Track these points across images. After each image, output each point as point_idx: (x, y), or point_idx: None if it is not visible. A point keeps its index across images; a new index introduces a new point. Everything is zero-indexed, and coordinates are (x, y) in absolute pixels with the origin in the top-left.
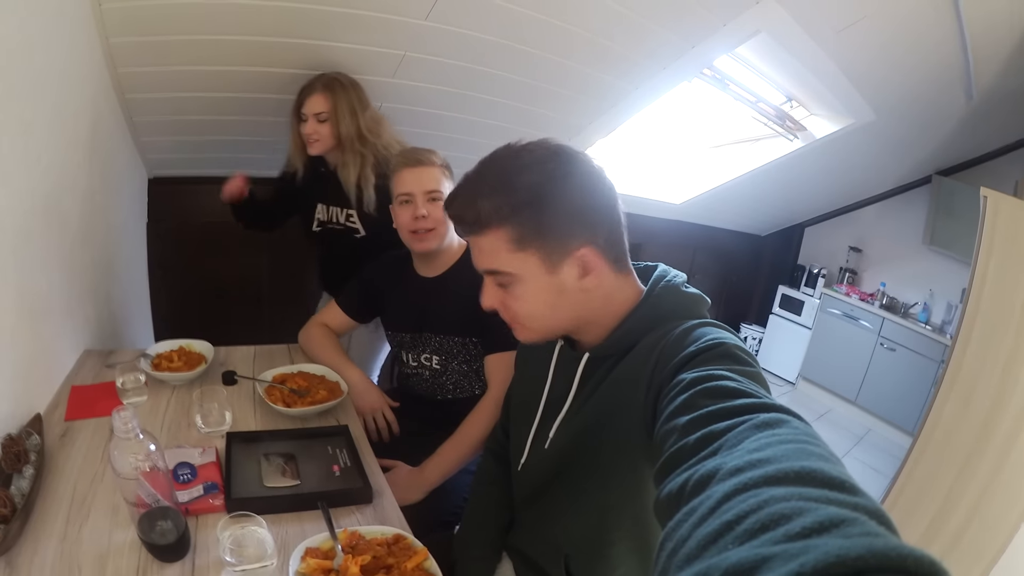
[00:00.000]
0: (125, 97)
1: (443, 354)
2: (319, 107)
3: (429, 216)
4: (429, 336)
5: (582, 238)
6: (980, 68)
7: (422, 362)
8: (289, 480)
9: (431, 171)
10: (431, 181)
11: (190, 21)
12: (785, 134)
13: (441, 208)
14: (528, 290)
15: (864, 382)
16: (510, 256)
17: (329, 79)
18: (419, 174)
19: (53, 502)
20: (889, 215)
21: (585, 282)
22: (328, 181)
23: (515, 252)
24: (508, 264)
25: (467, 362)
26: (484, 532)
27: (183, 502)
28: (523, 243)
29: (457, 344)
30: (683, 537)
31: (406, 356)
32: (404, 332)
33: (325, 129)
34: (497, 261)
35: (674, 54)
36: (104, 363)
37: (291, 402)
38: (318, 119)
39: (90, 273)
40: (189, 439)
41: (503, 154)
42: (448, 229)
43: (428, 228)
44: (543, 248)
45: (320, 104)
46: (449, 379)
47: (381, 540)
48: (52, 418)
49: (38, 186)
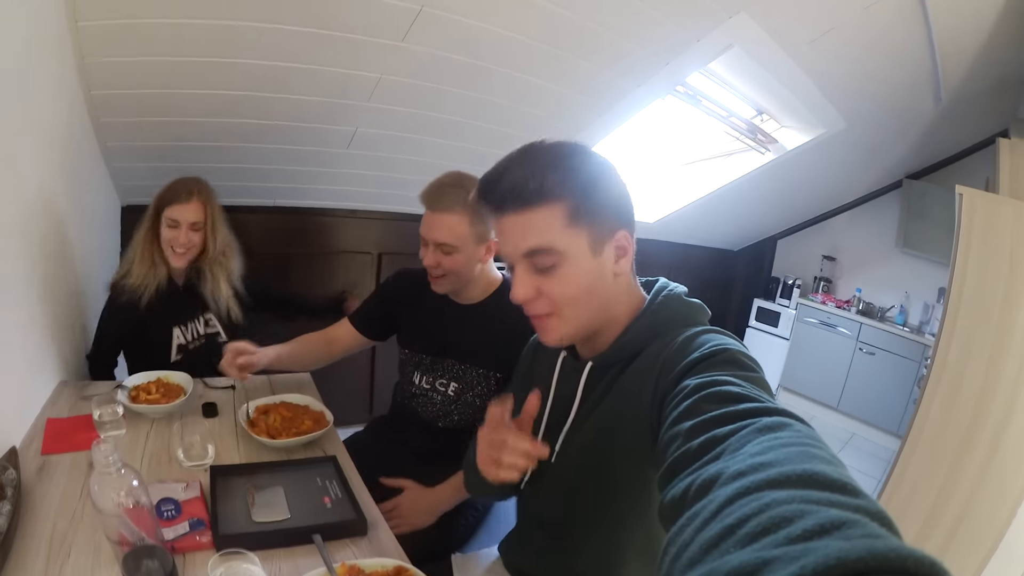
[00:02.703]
0: (99, 120)
1: (462, 383)
2: (195, 215)
3: (439, 265)
4: (452, 363)
5: (621, 222)
6: (948, 71)
7: (436, 387)
8: (279, 514)
9: (443, 219)
10: (439, 232)
11: (167, 42)
12: (756, 147)
13: (455, 259)
14: (572, 271)
15: (845, 388)
16: (563, 232)
17: (202, 185)
18: (430, 221)
19: (32, 540)
20: (861, 222)
21: (620, 265)
22: (177, 299)
23: (568, 228)
24: (560, 240)
25: (481, 396)
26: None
27: (168, 540)
28: (577, 220)
29: (479, 376)
30: (686, 541)
31: (419, 378)
32: (424, 354)
33: (198, 239)
34: (549, 237)
35: (649, 71)
36: (80, 395)
37: (275, 433)
38: (193, 228)
39: (64, 303)
40: (171, 474)
41: (548, 143)
42: (472, 268)
43: (437, 276)
44: (592, 228)
45: (195, 212)
46: (458, 409)
47: (382, 572)
48: (28, 452)
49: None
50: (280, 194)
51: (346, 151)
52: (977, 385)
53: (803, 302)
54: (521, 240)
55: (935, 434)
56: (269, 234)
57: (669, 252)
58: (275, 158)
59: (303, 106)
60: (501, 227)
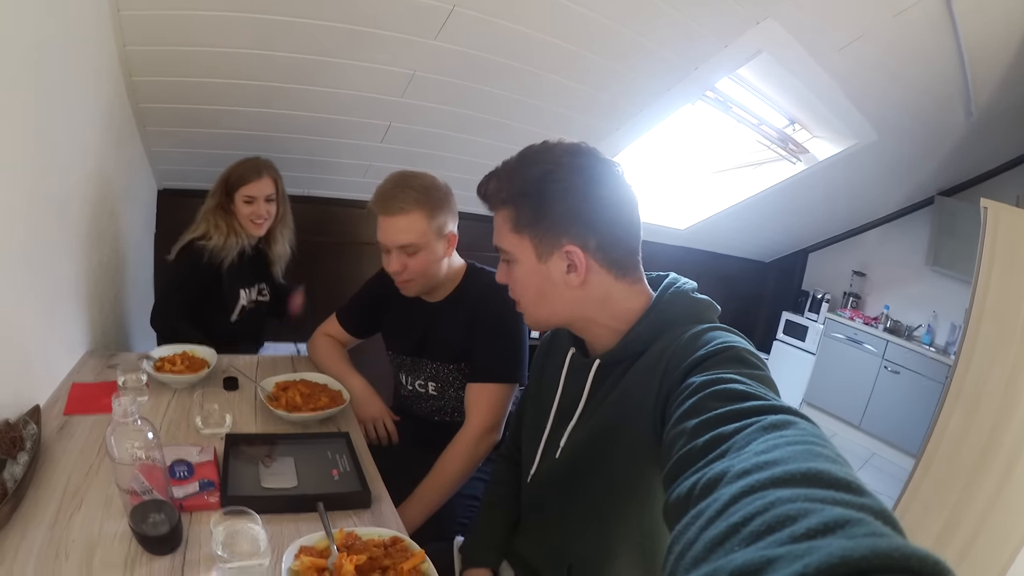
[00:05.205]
0: (139, 106)
1: (439, 381)
2: (269, 189)
3: (405, 269)
4: (427, 362)
5: (571, 236)
6: (978, 84)
7: (416, 388)
8: (287, 482)
9: (401, 221)
10: (400, 234)
11: (206, 33)
12: (788, 157)
13: (420, 259)
14: (521, 272)
15: (868, 406)
16: (510, 236)
17: (268, 162)
18: (388, 225)
19: (46, 490)
20: (892, 238)
21: (570, 279)
22: (248, 263)
23: (513, 234)
24: (508, 243)
25: (463, 388)
26: (493, 537)
27: (178, 497)
28: (519, 227)
29: (453, 371)
30: (691, 540)
31: (404, 378)
32: (405, 355)
33: (273, 209)
34: (501, 239)
35: (677, 76)
36: (106, 363)
37: (294, 408)
38: (268, 200)
39: (97, 276)
40: (188, 440)
41: (531, 147)
42: (439, 265)
43: (404, 280)
44: (535, 236)
45: (269, 186)
46: (448, 404)
47: (378, 541)
48: (51, 412)
49: (50, 186)
50: (313, 184)
51: (380, 144)
52: (996, 403)
53: (831, 317)
54: (494, 236)
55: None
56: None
57: (700, 260)
58: (310, 149)
59: (338, 99)
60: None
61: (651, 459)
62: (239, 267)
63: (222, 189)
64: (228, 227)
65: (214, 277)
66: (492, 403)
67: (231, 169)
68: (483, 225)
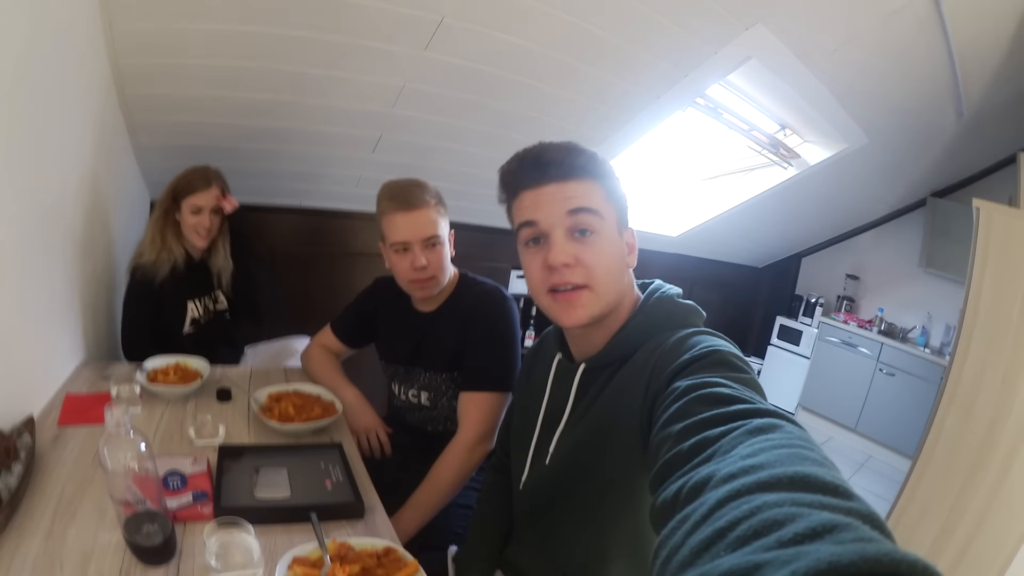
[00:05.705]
0: (131, 117)
1: (432, 391)
2: (213, 200)
3: (430, 264)
4: (420, 372)
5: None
6: (969, 82)
7: (409, 398)
8: (280, 492)
9: (426, 214)
10: (428, 226)
11: (198, 46)
12: (779, 162)
13: (439, 253)
14: (606, 241)
15: (864, 409)
16: (602, 203)
17: (216, 172)
18: (414, 220)
19: (40, 500)
20: (885, 241)
21: (630, 259)
22: (194, 274)
23: (605, 202)
24: (601, 207)
25: (456, 398)
26: (485, 548)
27: (171, 508)
28: (609, 199)
29: (446, 380)
30: (677, 544)
31: (397, 388)
32: (398, 364)
33: (218, 220)
34: (593, 201)
35: (668, 83)
36: (100, 374)
37: (287, 419)
38: (214, 211)
39: (91, 286)
40: (181, 451)
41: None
42: (448, 262)
43: (429, 276)
44: (617, 211)
45: (213, 198)
46: (440, 414)
47: (371, 551)
48: (45, 422)
49: (44, 196)
50: (305, 195)
51: (372, 155)
52: (991, 402)
53: (825, 321)
54: (566, 202)
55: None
56: (293, 234)
57: (693, 267)
58: (303, 160)
59: (330, 111)
60: (538, 197)
61: (638, 463)
62: (184, 279)
63: (170, 197)
64: (163, 241)
65: (157, 293)
66: (485, 412)
67: (179, 177)
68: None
